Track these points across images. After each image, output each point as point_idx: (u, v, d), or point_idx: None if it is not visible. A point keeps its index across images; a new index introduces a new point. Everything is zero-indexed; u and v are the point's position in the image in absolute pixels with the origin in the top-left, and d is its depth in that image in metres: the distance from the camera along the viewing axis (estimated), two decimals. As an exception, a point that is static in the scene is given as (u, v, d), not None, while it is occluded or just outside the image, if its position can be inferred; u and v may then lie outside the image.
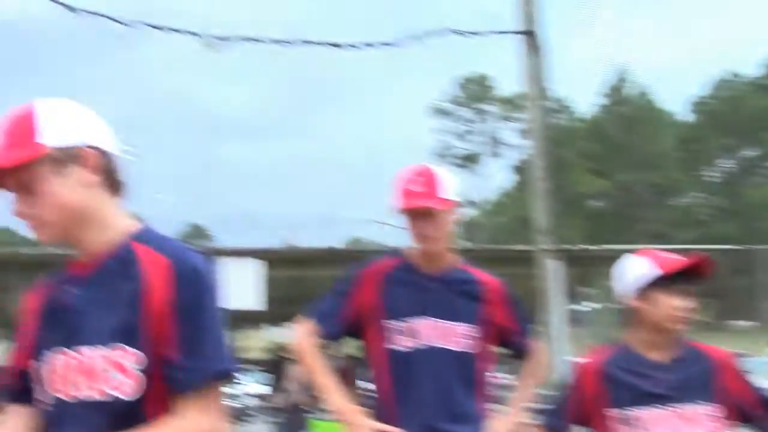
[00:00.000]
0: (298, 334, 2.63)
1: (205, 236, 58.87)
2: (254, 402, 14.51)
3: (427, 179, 2.52)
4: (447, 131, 64.26)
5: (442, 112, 64.08)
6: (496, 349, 2.69)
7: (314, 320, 2.62)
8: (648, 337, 2.35)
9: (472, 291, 2.60)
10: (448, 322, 2.52)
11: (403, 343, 2.51)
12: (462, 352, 2.51)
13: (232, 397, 13.24)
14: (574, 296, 12.90)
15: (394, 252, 2.68)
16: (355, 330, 2.62)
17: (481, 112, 63.96)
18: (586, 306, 11.68)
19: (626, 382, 2.33)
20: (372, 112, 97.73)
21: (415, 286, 2.56)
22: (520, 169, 57.74)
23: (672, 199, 61.15)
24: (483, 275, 2.66)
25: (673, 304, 2.29)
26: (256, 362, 12.85)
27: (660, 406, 2.27)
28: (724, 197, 62.92)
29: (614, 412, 2.31)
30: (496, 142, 64.50)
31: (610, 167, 58.61)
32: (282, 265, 10.21)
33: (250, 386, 19.70)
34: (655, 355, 2.34)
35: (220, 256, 9.56)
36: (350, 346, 9.15)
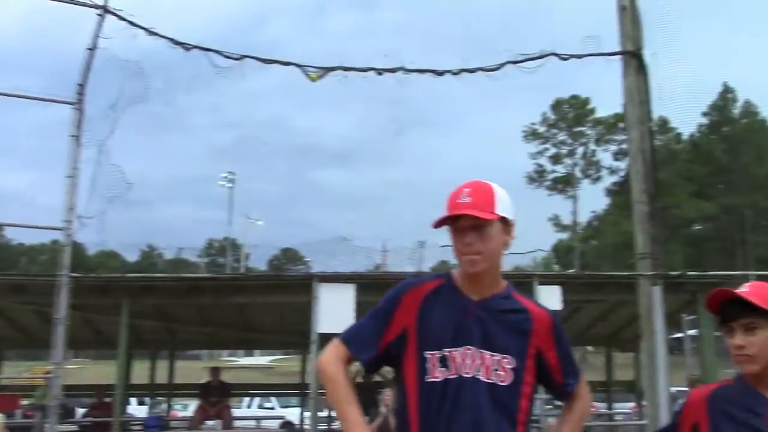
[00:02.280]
0: (326, 357, 2.37)
1: (299, 260, 59.97)
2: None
3: (477, 191, 2.29)
4: (542, 154, 63.42)
5: (537, 136, 63.34)
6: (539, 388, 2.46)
7: (347, 343, 2.38)
8: (750, 375, 2.22)
9: (519, 321, 2.35)
10: (490, 353, 2.28)
11: (438, 374, 2.27)
12: (502, 386, 2.27)
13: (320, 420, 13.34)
14: (676, 324, 12.38)
15: (440, 274, 2.44)
16: (392, 357, 2.37)
17: (578, 134, 62.85)
18: (687, 334, 11.19)
19: (733, 417, 2.21)
20: (467, 136, 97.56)
21: (456, 311, 2.31)
22: (617, 192, 56.28)
23: (781, 222, 58.16)
24: (531, 305, 2.41)
25: (727, 344, 2.21)
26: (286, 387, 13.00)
27: None
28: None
29: None
30: (592, 164, 63.15)
31: (715, 190, 56.39)
32: (374, 290, 10.23)
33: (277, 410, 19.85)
34: (765, 391, 2.20)
35: (314, 280, 9.69)
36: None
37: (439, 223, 2.29)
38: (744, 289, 2.21)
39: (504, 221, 2.32)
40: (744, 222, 55.57)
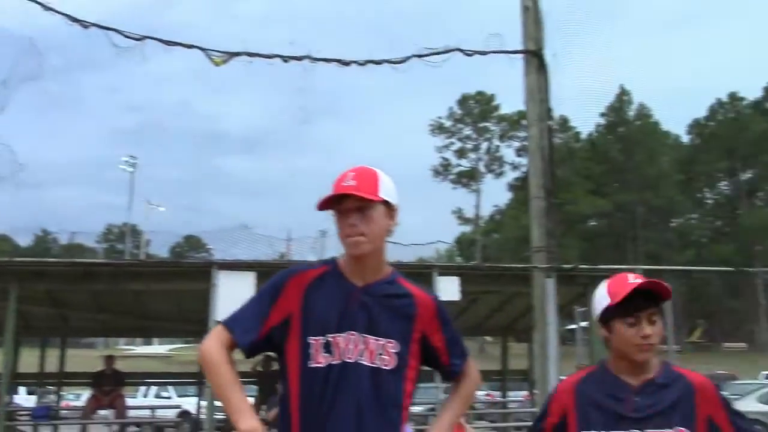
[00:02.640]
0: (207, 342, 2.31)
1: (201, 247, 58.84)
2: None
3: (361, 175, 2.30)
4: (448, 148, 64.44)
5: (443, 130, 64.29)
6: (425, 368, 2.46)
7: (229, 328, 2.32)
8: (619, 363, 2.34)
9: (403, 306, 2.35)
10: (374, 337, 2.29)
11: (321, 360, 2.26)
12: (386, 370, 2.29)
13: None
14: (569, 315, 12.88)
15: (325, 261, 2.43)
16: (274, 343, 2.34)
17: (482, 130, 64.17)
18: (579, 325, 11.66)
19: (598, 404, 2.32)
20: (375, 128, 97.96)
21: (341, 297, 2.31)
22: (518, 187, 57.87)
23: (670, 220, 61.24)
24: (416, 289, 2.41)
25: (630, 333, 2.27)
26: (247, 375, 12.83)
27: (633, 428, 2.24)
28: (721, 219, 63.09)
29: None
30: (496, 160, 64.65)
31: (610, 188, 58.77)
32: (277, 278, 10.24)
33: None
34: (630, 378, 2.32)
35: (213, 267, 9.57)
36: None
37: (323, 205, 2.29)
38: (639, 281, 2.30)
39: (387, 206, 2.33)
40: (635, 219, 58.22)
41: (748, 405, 16.49)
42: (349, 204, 2.28)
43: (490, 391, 22.44)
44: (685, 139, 64.29)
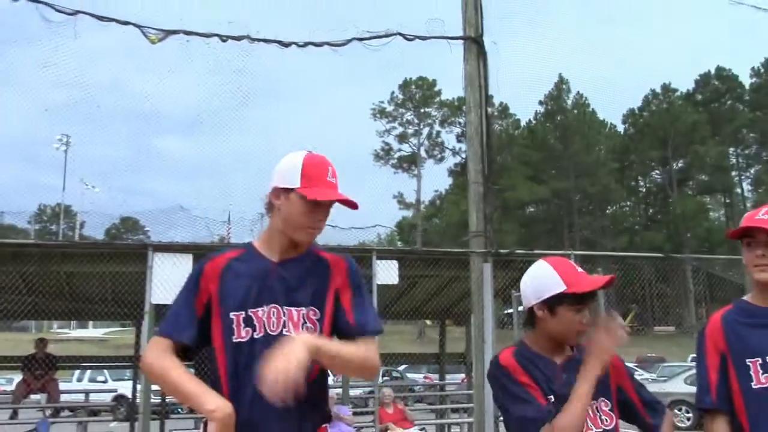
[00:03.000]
0: (146, 355, 2.35)
1: (139, 230, 57.75)
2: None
3: (335, 173, 2.40)
4: (389, 133, 64.55)
5: (384, 114, 64.33)
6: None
7: (165, 335, 2.35)
8: (547, 343, 2.43)
9: (318, 271, 2.41)
10: (296, 308, 2.33)
11: (244, 334, 2.30)
12: None
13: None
14: (506, 300, 13.10)
15: (242, 244, 2.50)
16: (206, 331, 2.36)
17: (423, 115, 64.44)
18: (516, 309, 11.88)
19: (537, 378, 2.37)
20: (314, 111, 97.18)
21: (258, 273, 2.36)
22: (459, 173, 58.42)
23: (604, 207, 62.72)
24: (330, 255, 2.47)
25: (576, 319, 2.37)
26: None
27: (563, 404, 2.30)
28: (654, 207, 64.96)
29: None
30: (437, 145, 65.07)
31: (547, 174, 59.81)
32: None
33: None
34: (554, 357, 2.42)
35: (152, 250, 9.42)
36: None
37: (326, 202, 2.36)
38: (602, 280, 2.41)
39: None
40: (572, 205, 59.46)
41: (675, 386, 17.09)
42: (327, 207, 2.38)
43: (428, 374, 22.73)
44: (621, 128, 65.85)
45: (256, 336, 2.30)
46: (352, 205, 2.40)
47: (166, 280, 8.52)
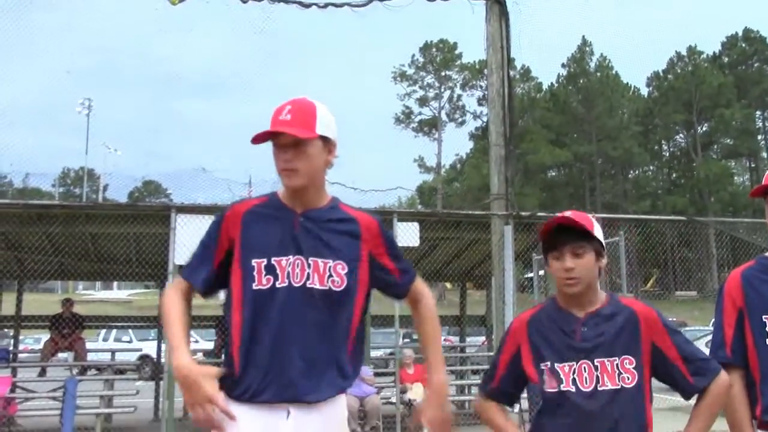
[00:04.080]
0: (165, 292, 2.44)
1: (161, 193, 58.13)
2: (201, 358, 14.57)
3: (298, 109, 2.33)
4: (410, 96, 64.11)
5: (405, 77, 63.84)
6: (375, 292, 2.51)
7: (184, 276, 2.42)
8: (563, 296, 2.44)
9: (347, 227, 2.39)
10: (322, 260, 2.31)
11: (265, 282, 2.27)
12: (337, 291, 2.31)
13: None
14: (527, 263, 13.09)
15: (265, 194, 2.47)
16: (226, 276, 2.38)
17: (444, 78, 63.87)
18: (537, 273, 11.88)
19: (548, 337, 2.41)
20: (335, 74, 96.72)
21: (282, 222, 2.34)
22: (479, 136, 58.02)
23: (627, 171, 62.14)
24: (357, 213, 2.45)
25: (555, 267, 2.39)
26: (206, 319, 12.89)
27: (580, 359, 2.33)
28: (677, 171, 64.24)
29: (542, 364, 2.40)
30: (457, 108, 64.58)
31: (569, 138, 59.26)
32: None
33: (201, 343, 19.94)
34: (577, 311, 2.41)
35: (175, 211, 9.50)
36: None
37: (258, 139, 2.30)
38: (568, 216, 2.40)
39: (325, 140, 2.37)
40: (594, 169, 58.97)
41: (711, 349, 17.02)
42: (285, 139, 2.30)
43: (449, 337, 22.86)
44: (645, 91, 64.90)
45: (278, 285, 2.29)
46: (297, 134, 2.29)
47: (189, 241, 8.61)
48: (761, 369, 2.50)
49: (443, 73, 63.59)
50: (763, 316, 2.50)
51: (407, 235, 10.44)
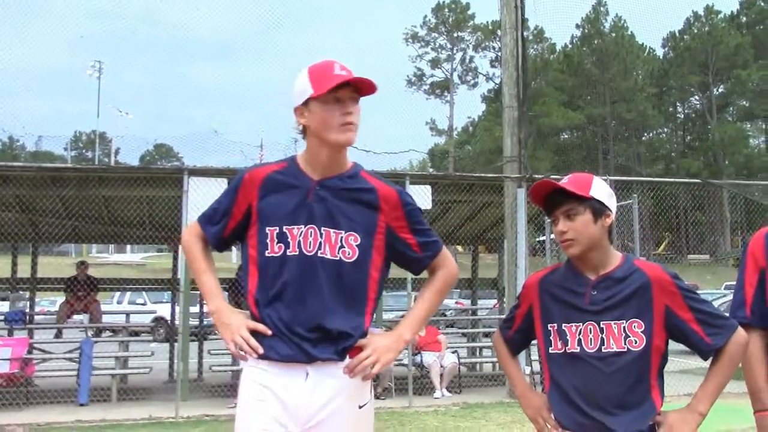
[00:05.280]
0: (185, 234, 2.55)
1: (173, 156, 58.23)
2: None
3: (345, 67, 2.32)
4: (422, 58, 63.58)
5: (417, 39, 63.24)
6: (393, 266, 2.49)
7: (200, 223, 2.51)
8: (573, 258, 2.43)
9: (365, 198, 2.37)
10: (335, 230, 2.32)
11: (277, 249, 2.31)
12: (348, 263, 2.32)
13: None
14: (539, 227, 13.06)
15: (284, 159, 2.45)
16: (239, 237, 2.45)
17: (456, 39, 63.22)
18: (548, 236, 11.86)
19: (558, 298, 2.42)
20: (347, 36, 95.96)
21: (298, 190, 2.35)
22: (492, 99, 57.58)
23: (641, 133, 61.60)
24: (378, 183, 2.41)
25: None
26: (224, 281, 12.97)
27: (588, 321, 2.34)
28: (692, 134, 63.62)
29: (549, 325, 2.42)
30: (470, 71, 64.03)
31: (583, 100, 58.70)
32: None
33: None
34: (590, 273, 2.40)
35: (187, 174, 9.50)
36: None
37: (326, 87, 2.25)
38: (563, 180, 2.40)
39: None
40: (607, 132, 58.48)
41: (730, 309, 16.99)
42: (348, 93, 2.29)
43: (460, 300, 22.95)
44: (660, 52, 64.00)
45: (289, 253, 2.31)
46: (370, 87, 2.31)
47: (202, 203, 8.62)
48: None
49: (456, 35, 62.95)
50: None
51: (419, 198, 10.42)
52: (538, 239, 14.43)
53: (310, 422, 2.26)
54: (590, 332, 2.33)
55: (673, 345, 2.40)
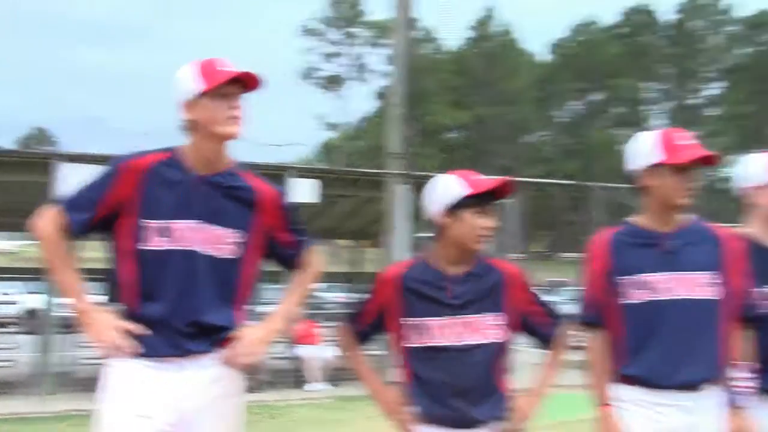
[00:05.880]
0: (42, 220, 2.37)
1: (47, 140, 55.55)
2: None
3: (228, 63, 2.42)
4: (315, 52, 63.19)
5: (310, 32, 62.83)
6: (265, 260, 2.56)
7: (63, 208, 2.37)
8: (450, 252, 2.52)
9: (245, 197, 2.41)
10: (214, 226, 2.34)
11: (157, 244, 2.30)
12: (222, 258, 2.34)
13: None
14: (422, 223, 13.33)
15: (165, 148, 2.43)
16: (105, 226, 2.37)
17: (350, 35, 63.24)
18: (427, 233, 12.13)
19: (420, 293, 2.50)
20: (239, 27, 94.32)
21: (181, 185, 2.34)
22: (384, 95, 58.01)
23: (523, 135, 63.66)
24: (259, 183, 2.46)
25: (478, 223, 2.47)
26: (93, 271, 12.46)
27: (450, 315, 2.45)
28: (571, 138, 66.34)
29: (408, 320, 2.49)
30: (362, 66, 64.21)
31: (470, 101, 60.05)
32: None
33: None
34: (452, 269, 2.51)
35: (54, 159, 9.13)
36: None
37: (215, 81, 2.30)
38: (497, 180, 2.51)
39: None
40: (493, 133, 60.13)
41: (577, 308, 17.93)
42: (234, 88, 2.33)
43: (341, 294, 23.04)
44: (545, 58, 66.31)
45: (170, 248, 2.31)
46: (256, 81, 2.37)
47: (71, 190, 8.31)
48: (623, 328, 2.65)
49: (350, 30, 62.94)
50: (626, 278, 2.64)
51: (305, 191, 10.44)
52: (420, 235, 14.73)
53: (184, 413, 2.27)
54: (452, 326, 2.44)
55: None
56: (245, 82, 2.35)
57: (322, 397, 10.02)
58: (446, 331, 2.45)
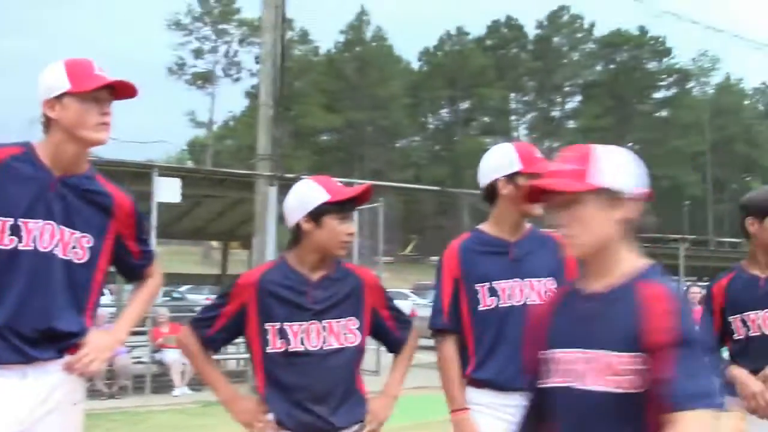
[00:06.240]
0: None
1: None
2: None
3: (100, 68, 2.35)
4: (184, 47, 61.55)
5: (180, 26, 61.15)
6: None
7: None
8: (311, 257, 2.50)
9: (101, 202, 2.36)
10: (70, 230, 2.28)
11: (6, 242, 2.20)
12: (78, 264, 2.29)
13: None
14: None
15: (19, 143, 2.32)
16: None
17: (221, 32, 62.07)
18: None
19: (281, 297, 2.46)
20: (105, 17, 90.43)
21: (36, 183, 2.25)
22: (254, 95, 57.32)
23: (394, 140, 64.76)
24: (114, 189, 2.43)
25: (341, 230, 2.46)
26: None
27: (310, 320, 2.44)
28: (440, 144, 68.21)
29: (268, 324, 2.45)
30: (234, 64, 63.17)
31: (343, 104, 60.43)
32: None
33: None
34: (310, 273, 2.50)
35: None
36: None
37: (93, 85, 2.23)
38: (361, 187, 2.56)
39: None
40: (365, 137, 60.80)
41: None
42: (106, 93, 2.28)
43: (210, 296, 22.59)
44: (416, 65, 67.85)
45: (21, 247, 2.21)
46: (131, 90, 2.33)
47: None
48: (473, 334, 2.74)
49: (220, 27, 61.77)
50: (476, 285, 2.73)
51: (168, 190, 10.13)
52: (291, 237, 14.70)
53: (27, 419, 2.19)
54: (313, 331, 2.43)
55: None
56: (117, 90, 2.32)
57: (186, 403, 9.75)
58: (307, 336, 2.43)
